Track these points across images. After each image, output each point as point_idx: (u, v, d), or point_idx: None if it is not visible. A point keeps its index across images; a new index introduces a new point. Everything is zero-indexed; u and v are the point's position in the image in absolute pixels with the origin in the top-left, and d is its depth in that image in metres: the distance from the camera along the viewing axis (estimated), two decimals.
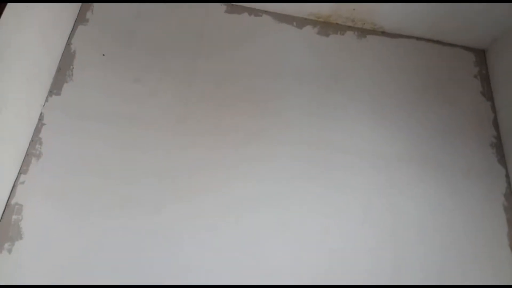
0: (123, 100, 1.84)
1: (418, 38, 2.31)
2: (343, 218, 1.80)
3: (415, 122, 2.08)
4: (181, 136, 1.82)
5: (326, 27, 2.23)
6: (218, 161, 1.80)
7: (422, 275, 1.75)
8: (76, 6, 1.96)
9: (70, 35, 1.92)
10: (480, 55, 2.35)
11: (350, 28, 2.25)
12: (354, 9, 2.15)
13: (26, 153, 1.65)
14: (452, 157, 2.03)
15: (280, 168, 1.85)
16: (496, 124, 2.17)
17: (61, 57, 1.86)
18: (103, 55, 1.91)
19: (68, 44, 1.89)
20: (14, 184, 1.59)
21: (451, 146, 2.05)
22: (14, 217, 1.54)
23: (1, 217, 1.54)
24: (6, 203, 1.56)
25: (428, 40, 2.32)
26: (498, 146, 2.11)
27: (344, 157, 1.93)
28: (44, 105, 1.75)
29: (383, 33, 2.28)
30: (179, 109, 1.87)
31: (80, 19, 1.96)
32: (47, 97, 1.77)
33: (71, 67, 1.85)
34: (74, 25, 1.94)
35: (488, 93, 2.24)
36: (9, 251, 1.49)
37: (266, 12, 2.18)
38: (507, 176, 2.04)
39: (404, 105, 2.11)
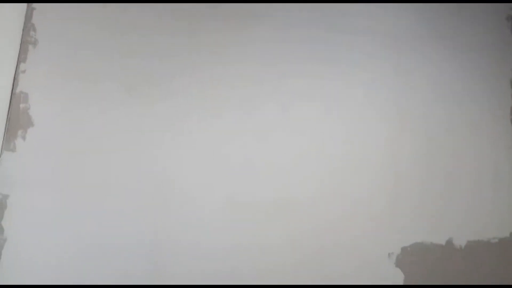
0: None
1: None
2: (348, 96, 1.82)
3: None
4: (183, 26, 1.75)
5: None
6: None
7: (425, 147, 1.82)
8: None
9: None
10: None
11: None
12: None
13: (21, 41, 1.60)
14: (466, 30, 1.95)
15: (293, 49, 1.81)
16: None
17: None
18: None
19: None
20: (16, 73, 1.57)
21: (467, 19, 1.96)
22: (22, 105, 1.55)
23: (9, 106, 1.55)
24: (12, 92, 1.56)
25: None
26: None
27: (354, 38, 1.86)
28: None
29: None
30: None
31: None
32: None
33: None
34: None
35: None
36: (23, 138, 1.54)
37: None
38: None
39: None
